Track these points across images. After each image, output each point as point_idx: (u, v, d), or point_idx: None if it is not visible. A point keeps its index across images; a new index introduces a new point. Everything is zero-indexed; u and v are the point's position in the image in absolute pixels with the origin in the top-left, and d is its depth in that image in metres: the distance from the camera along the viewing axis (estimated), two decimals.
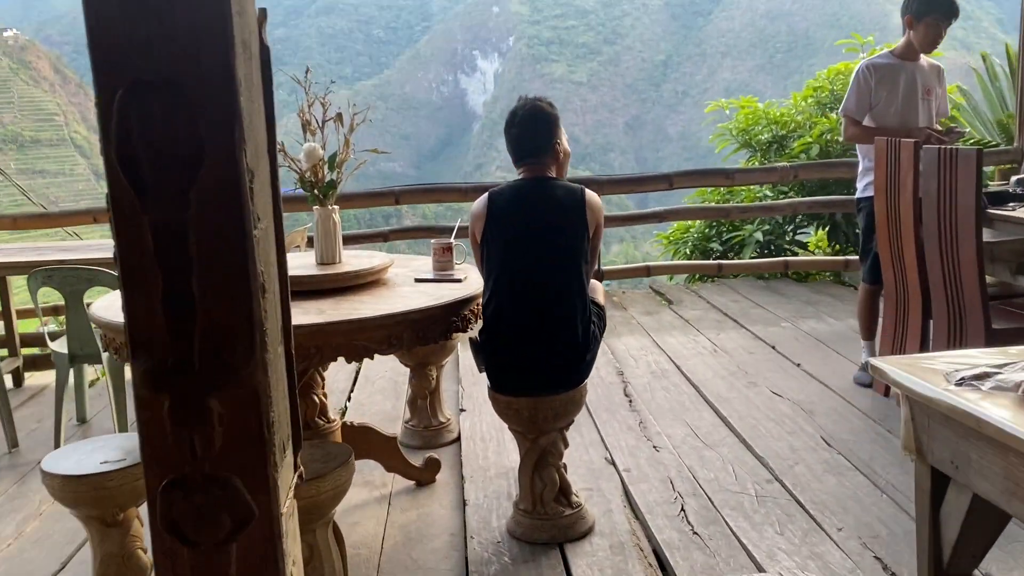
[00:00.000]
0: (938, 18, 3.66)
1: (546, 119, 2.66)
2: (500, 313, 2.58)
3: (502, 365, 2.62)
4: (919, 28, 3.69)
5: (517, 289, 2.58)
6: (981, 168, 2.97)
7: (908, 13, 3.71)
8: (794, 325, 5.03)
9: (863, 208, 3.93)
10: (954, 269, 3.13)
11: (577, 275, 2.56)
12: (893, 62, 3.80)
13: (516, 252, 2.58)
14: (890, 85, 3.78)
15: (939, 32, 3.71)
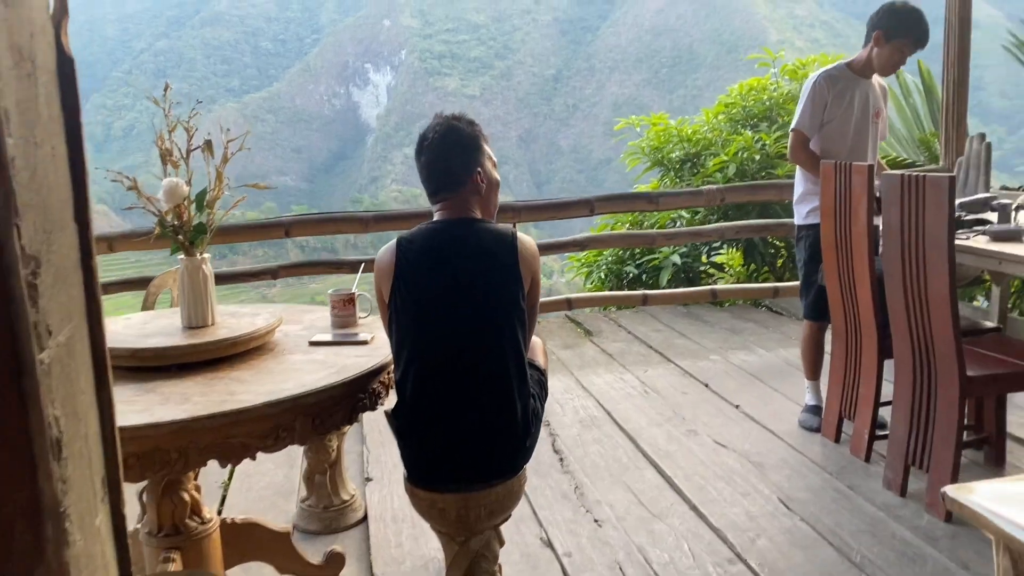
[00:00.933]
0: (910, 43, 3.36)
1: (464, 142, 2.14)
2: (418, 392, 2.06)
3: (423, 454, 2.10)
4: (885, 48, 3.38)
5: (438, 362, 2.06)
6: (953, 197, 2.66)
7: (878, 29, 3.37)
8: (724, 358, 4.69)
9: (805, 237, 3.61)
10: (921, 309, 2.81)
11: (513, 341, 2.07)
12: (850, 76, 3.49)
13: (435, 316, 2.06)
14: (846, 103, 3.47)
15: (904, 57, 3.43)
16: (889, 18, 3.35)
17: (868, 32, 3.43)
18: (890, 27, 3.34)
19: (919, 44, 3.38)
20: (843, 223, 3.25)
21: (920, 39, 3.36)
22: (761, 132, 6.20)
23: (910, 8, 3.38)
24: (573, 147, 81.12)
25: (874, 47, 3.40)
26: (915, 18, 3.34)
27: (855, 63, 3.49)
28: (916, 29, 3.33)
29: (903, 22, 3.32)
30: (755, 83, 6.56)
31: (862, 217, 3.14)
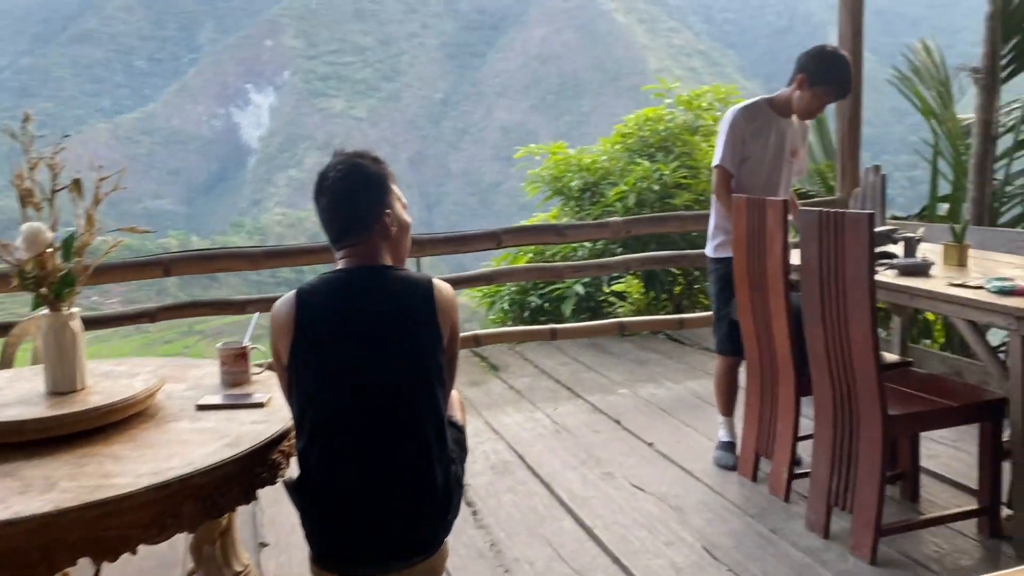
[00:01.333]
0: (833, 91, 3.32)
1: (370, 181, 1.92)
2: (325, 465, 1.82)
3: (331, 534, 1.86)
4: (807, 93, 3.31)
5: (347, 431, 1.82)
6: (873, 233, 2.62)
7: (803, 73, 3.30)
8: (632, 391, 4.60)
9: (716, 270, 3.55)
10: (842, 347, 2.76)
11: (431, 403, 1.86)
12: (768, 113, 3.44)
13: (342, 379, 1.82)
14: (764, 140, 3.42)
15: (824, 105, 3.40)
16: (815, 63, 3.29)
17: (794, 72, 3.36)
18: (815, 73, 3.27)
19: (841, 93, 3.35)
20: (757, 257, 3.20)
21: (843, 89, 3.32)
22: (659, 162, 6.22)
23: (837, 55, 3.32)
24: (464, 170, 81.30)
25: (796, 89, 3.34)
26: (840, 66, 3.29)
27: (776, 100, 3.44)
28: (840, 78, 3.29)
29: (828, 70, 3.26)
30: (651, 113, 6.59)
31: (777, 252, 3.09)
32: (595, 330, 5.16)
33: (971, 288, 2.83)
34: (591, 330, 5.16)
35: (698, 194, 6.14)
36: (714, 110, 6.65)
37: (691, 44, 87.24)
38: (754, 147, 3.39)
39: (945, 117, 5.32)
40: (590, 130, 72.40)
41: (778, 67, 60.49)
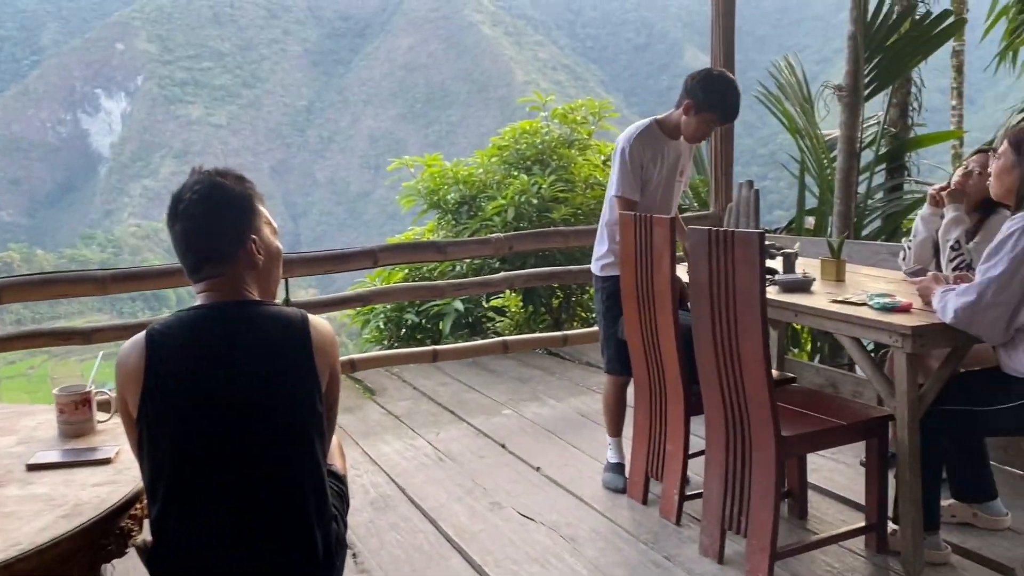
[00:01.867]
0: (718, 118, 3.29)
1: (233, 203, 1.69)
2: (183, 533, 1.57)
3: None
4: (693, 119, 3.27)
5: (210, 494, 1.57)
6: (764, 252, 2.58)
7: (691, 99, 3.25)
8: (517, 412, 4.46)
9: (603, 289, 3.46)
10: (733, 367, 2.71)
11: (308, 457, 1.63)
12: (659, 135, 3.37)
13: (202, 435, 1.58)
14: (659, 164, 3.36)
15: (711, 130, 3.37)
16: (702, 90, 3.23)
17: (681, 96, 3.31)
18: (702, 100, 3.23)
19: (727, 120, 3.34)
20: (644, 275, 3.12)
21: (728, 115, 3.30)
22: (536, 176, 6.14)
23: (724, 80, 3.29)
24: (330, 179, 79.68)
25: (684, 114, 3.29)
26: (726, 93, 3.26)
27: (665, 123, 3.37)
28: (725, 105, 3.26)
29: (714, 97, 3.23)
30: (527, 126, 6.51)
31: (665, 269, 3.02)
32: (479, 349, 4.99)
33: (855, 305, 2.84)
34: (474, 350, 4.98)
35: (575, 207, 6.09)
36: (588, 124, 6.64)
37: (556, 58, 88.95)
38: (651, 172, 3.33)
39: (810, 133, 5.48)
40: (459, 140, 72.55)
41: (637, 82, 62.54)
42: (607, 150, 6.73)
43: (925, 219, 3.38)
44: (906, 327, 2.54)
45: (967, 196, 3.26)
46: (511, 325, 6.35)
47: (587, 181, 6.33)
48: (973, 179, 3.23)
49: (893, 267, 4.21)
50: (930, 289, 2.74)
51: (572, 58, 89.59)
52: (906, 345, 2.57)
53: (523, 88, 76.71)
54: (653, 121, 3.37)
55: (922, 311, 2.71)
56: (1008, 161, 2.57)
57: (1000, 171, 2.60)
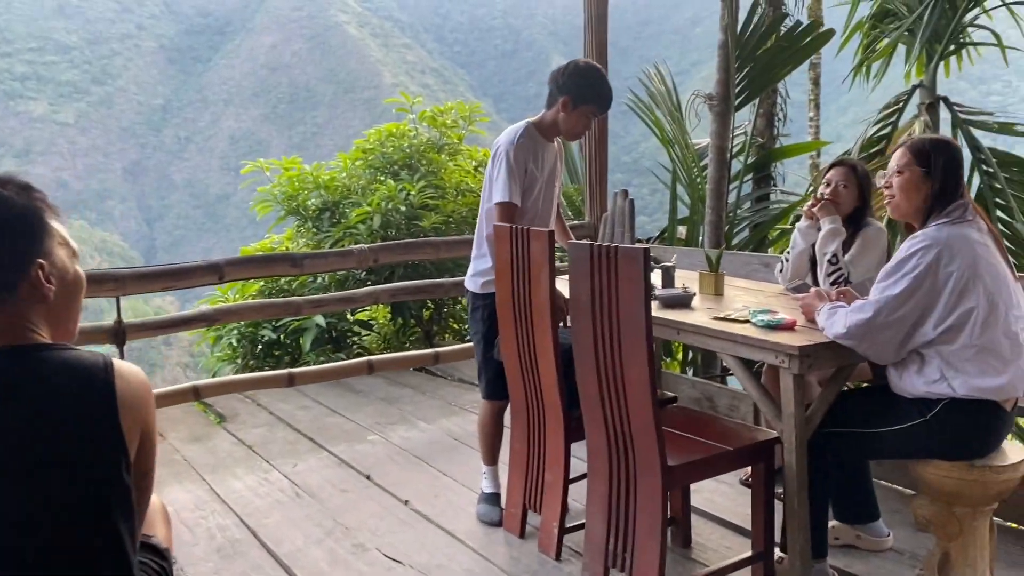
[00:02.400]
0: (596, 110, 3.11)
1: (13, 221, 1.34)
2: None
3: None
4: (572, 114, 3.07)
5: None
6: (649, 269, 2.39)
7: (566, 94, 3.05)
8: (384, 437, 4.15)
9: (481, 307, 3.21)
10: (618, 393, 2.51)
11: (112, 549, 1.28)
12: (537, 138, 3.15)
13: None
14: (540, 167, 3.15)
15: (590, 123, 3.18)
16: (576, 83, 3.06)
17: (553, 94, 3.12)
18: (577, 93, 3.06)
19: (604, 109, 3.18)
20: (521, 291, 2.90)
21: (606, 104, 3.15)
22: (404, 181, 5.84)
23: (595, 70, 3.14)
24: (188, 181, 76.09)
25: (560, 111, 3.10)
26: (600, 82, 3.11)
27: (541, 124, 3.16)
28: (603, 94, 3.11)
29: (591, 87, 3.06)
30: (394, 129, 6.20)
31: (544, 285, 2.81)
32: (341, 371, 4.61)
33: (737, 322, 2.71)
34: (336, 371, 4.60)
35: (446, 215, 5.83)
36: (458, 128, 6.40)
37: (424, 61, 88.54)
38: (535, 175, 3.12)
39: (680, 142, 5.44)
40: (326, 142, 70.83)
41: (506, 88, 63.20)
42: (478, 155, 6.52)
43: (803, 231, 3.32)
44: (793, 347, 2.41)
45: (838, 205, 3.22)
46: (378, 340, 6.03)
47: (458, 187, 6.09)
48: (840, 192, 3.20)
49: (765, 278, 4.19)
50: (813, 306, 2.64)
51: (440, 62, 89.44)
52: (793, 365, 2.44)
53: (391, 90, 75.92)
54: (529, 123, 3.17)
55: (806, 328, 2.60)
56: (914, 176, 2.45)
57: (906, 187, 2.46)
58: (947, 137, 2.50)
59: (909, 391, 2.38)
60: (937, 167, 2.40)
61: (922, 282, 2.29)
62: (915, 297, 2.30)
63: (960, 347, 2.28)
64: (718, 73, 4.70)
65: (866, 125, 6.51)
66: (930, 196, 2.42)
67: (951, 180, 2.41)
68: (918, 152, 2.45)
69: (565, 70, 3.11)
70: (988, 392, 2.27)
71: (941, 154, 2.41)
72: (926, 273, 2.29)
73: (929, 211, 2.43)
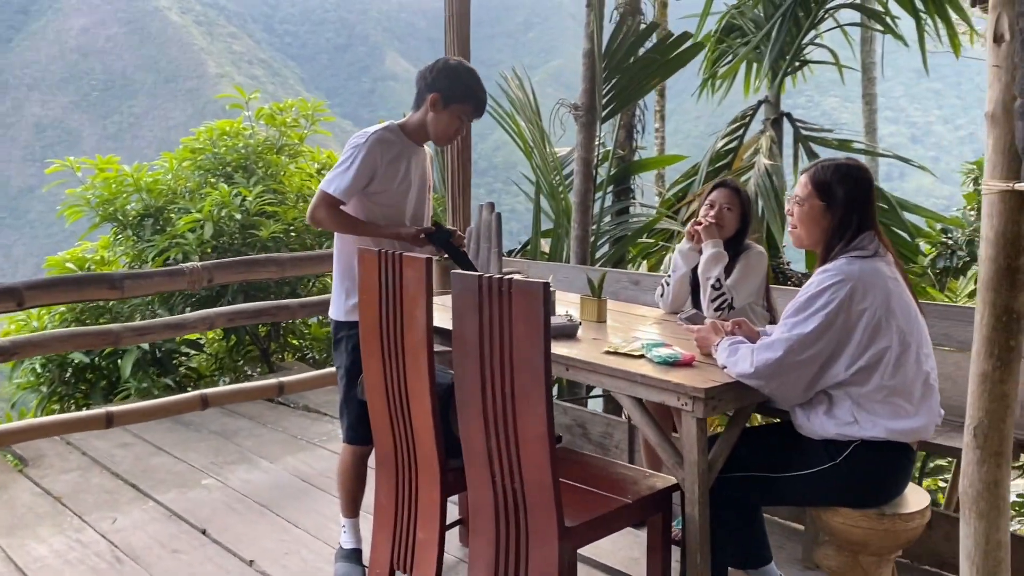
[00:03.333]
0: (471, 109, 2.79)
1: None
2: None
3: None
4: (443, 114, 2.75)
5: None
6: (550, 306, 2.10)
7: (435, 91, 2.73)
8: (221, 480, 3.65)
9: (347, 338, 2.81)
10: (507, 444, 2.21)
11: None
12: (404, 142, 2.81)
13: None
14: (402, 173, 2.79)
15: (463, 126, 2.84)
16: (447, 80, 2.76)
17: (420, 93, 2.80)
18: (449, 90, 2.75)
19: (479, 110, 2.86)
20: (392, 324, 2.54)
21: (480, 103, 2.84)
22: (239, 185, 5.28)
23: (468, 68, 2.84)
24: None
25: (429, 111, 2.77)
26: (473, 79, 2.81)
27: (408, 126, 2.83)
28: (477, 93, 2.81)
29: (463, 85, 2.76)
30: (227, 127, 5.61)
31: (420, 319, 2.46)
32: (169, 408, 3.98)
33: (631, 357, 2.48)
34: (164, 408, 3.96)
35: (287, 224, 5.33)
36: (300, 127, 5.90)
37: (252, 52, 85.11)
38: (391, 182, 2.76)
39: (541, 152, 5.22)
40: (144, 133, 66.40)
41: (339, 83, 61.96)
42: (321, 157, 6.05)
43: (684, 254, 3.16)
44: (699, 389, 2.19)
45: (722, 228, 3.09)
46: (210, 361, 5.44)
47: (300, 192, 5.59)
48: (724, 215, 3.07)
49: (634, 297, 4.03)
50: (709, 340, 2.46)
51: (269, 53, 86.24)
52: (697, 409, 2.22)
53: (216, 81, 72.47)
54: (395, 124, 2.83)
55: (704, 364, 2.41)
56: (815, 208, 2.30)
57: (806, 220, 2.32)
58: (854, 162, 2.36)
59: (818, 433, 2.22)
60: (837, 199, 2.27)
61: (835, 319, 2.14)
62: (827, 335, 2.14)
63: (872, 388, 2.15)
64: (583, 83, 4.50)
65: (715, 138, 6.59)
66: (831, 229, 2.28)
67: (855, 212, 2.28)
68: (819, 183, 2.31)
69: (434, 67, 2.80)
70: (901, 435, 2.15)
71: (842, 184, 2.27)
72: (838, 310, 2.14)
73: (831, 243, 2.29)
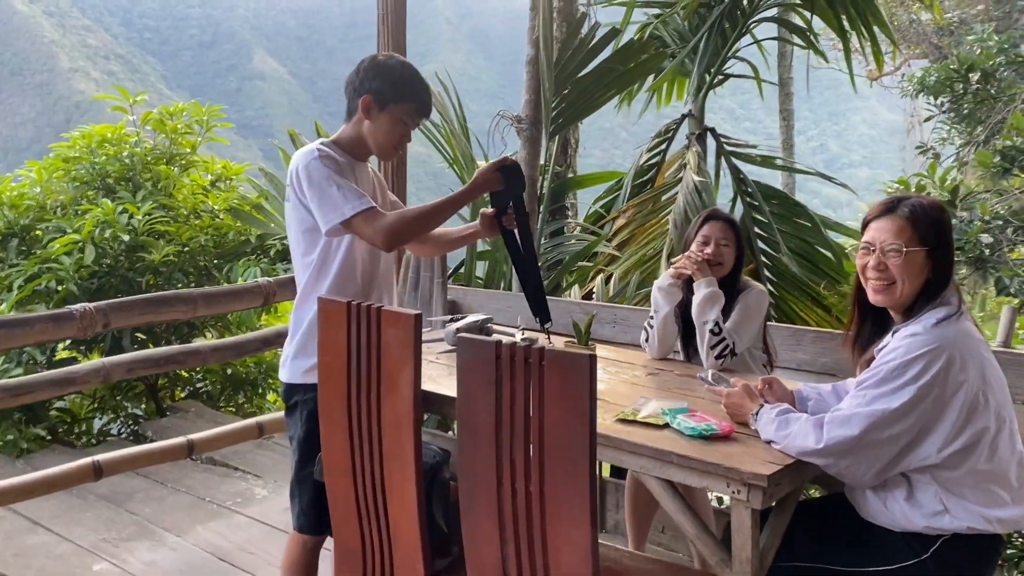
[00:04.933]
0: (416, 107, 2.30)
1: None
2: None
3: None
4: (382, 119, 2.27)
5: None
6: (595, 381, 1.67)
7: (367, 93, 2.25)
8: (118, 565, 3.00)
9: (303, 403, 2.28)
10: (534, 560, 1.76)
11: None
12: (346, 158, 2.30)
13: None
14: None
15: (409, 131, 2.35)
16: (379, 78, 2.27)
17: (350, 102, 2.30)
18: (383, 90, 2.26)
19: (425, 109, 2.35)
20: (364, 396, 2.04)
21: (425, 101, 2.34)
22: (124, 201, 4.58)
23: (402, 62, 2.35)
24: None
25: (364, 120, 2.28)
26: (412, 74, 2.32)
27: (343, 142, 2.32)
28: (418, 89, 2.31)
29: (400, 81, 2.27)
30: (108, 131, 4.88)
31: (405, 391, 1.97)
32: (55, 481, 3.13)
33: (652, 426, 2.08)
34: (46, 483, 3.08)
35: (182, 245, 4.66)
36: (193, 134, 5.22)
37: (109, 46, 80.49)
38: None
39: (468, 166, 4.76)
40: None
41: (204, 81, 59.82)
42: (216, 168, 5.38)
43: (665, 292, 2.79)
44: (759, 475, 1.81)
45: (721, 266, 2.76)
46: (86, 402, 4.70)
47: (194, 209, 4.92)
48: (721, 252, 2.74)
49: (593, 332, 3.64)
50: (744, 407, 2.09)
51: (128, 48, 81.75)
52: (754, 498, 1.84)
53: (69, 76, 68.08)
54: (327, 142, 2.31)
55: (744, 434, 2.04)
56: (919, 257, 1.87)
57: (911, 271, 1.86)
58: (937, 200, 2.02)
59: (900, 524, 1.87)
60: (940, 243, 1.90)
61: (927, 395, 1.79)
62: (916, 412, 1.79)
63: (964, 473, 1.81)
64: (526, 93, 4.08)
65: (639, 152, 6.31)
66: (927, 281, 1.90)
67: (951, 260, 1.94)
68: (923, 224, 1.88)
69: (360, 67, 2.31)
70: (1000, 525, 1.83)
71: (940, 226, 1.90)
72: (932, 383, 1.78)
73: (919, 299, 1.91)
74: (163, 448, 3.40)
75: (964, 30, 11.24)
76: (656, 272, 5.46)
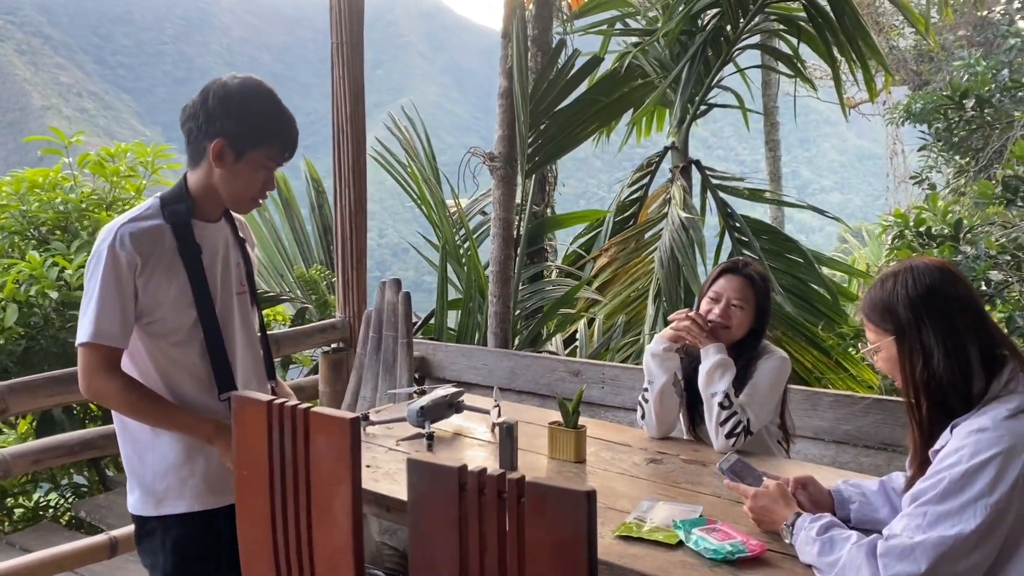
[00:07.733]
0: (278, 150, 1.84)
1: None
2: None
3: None
4: (238, 168, 1.81)
5: None
6: (595, 514, 1.24)
7: (219, 136, 1.78)
8: None
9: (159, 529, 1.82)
10: None
11: None
12: (189, 221, 1.85)
13: None
14: (176, 275, 1.82)
15: (272, 176, 1.88)
16: (232, 117, 1.78)
17: (195, 143, 1.83)
18: (239, 131, 1.79)
19: (290, 147, 1.88)
20: (290, 522, 1.60)
21: (291, 140, 1.87)
22: (55, 253, 4.12)
23: (256, 90, 1.83)
24: None
25: (215, 167, 1.81)
26: (273, 105, 1.84)
27: (193, 194, 1.85)
28: (284, 125, 1.85)
29: (259, 118, 1.81)
30: (39, 177, 4.43)
31: (342, 519, 1.53)
32: None
33: (664, 545, 1.67)
34: None
35: None
36: (137, 176, 4.78)
37: (82, 84, 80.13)
38: (159, 294, 1.79)
39: (438, 207, 4.36)
40: None
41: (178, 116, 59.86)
42: None
43: (659, 359, 2.38)
44: None
45: (729, 330, 2.36)
46: None
47: None
48: (733, 314, 2.35)
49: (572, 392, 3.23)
50: (776, 514, 1.68)
51: (101, 85, 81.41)
52: None
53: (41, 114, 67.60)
54: (157, 199, 1.86)
55: (777, 550, 1.63)
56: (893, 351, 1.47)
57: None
58: (919, 264, 1.58)
59: None
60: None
61: (1007, 507, 1.39)
62: (998, 532, 1.39)
63: None
64: (500, 128, 3.68)
65: (620, 187, 5.95)
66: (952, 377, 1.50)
67: (973, 334, 1.54)
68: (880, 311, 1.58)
69: (205, 99, 1.80)
70: None
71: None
72: (1011, 492, 1.39)
73: (966, 393, 1.51)
74: (79, 549, 2.87)
75: (943, 56, 11.07)
76: (642, 314, 5.07)
